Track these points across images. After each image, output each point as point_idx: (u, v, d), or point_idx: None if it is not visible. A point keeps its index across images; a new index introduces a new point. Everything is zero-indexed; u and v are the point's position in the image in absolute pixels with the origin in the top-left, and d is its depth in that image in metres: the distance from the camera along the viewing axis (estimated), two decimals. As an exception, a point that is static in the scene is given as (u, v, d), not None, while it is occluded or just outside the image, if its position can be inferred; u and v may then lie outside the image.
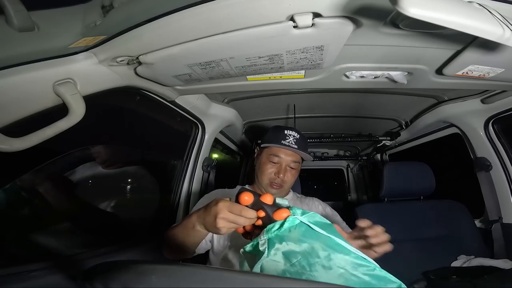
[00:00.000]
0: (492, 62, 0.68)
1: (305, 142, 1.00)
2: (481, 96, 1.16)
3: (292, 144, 0.94)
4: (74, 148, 1.01)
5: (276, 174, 0.95)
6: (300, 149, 0.95)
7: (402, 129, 1.67)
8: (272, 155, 0.97)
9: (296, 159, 0.97)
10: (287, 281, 0.25)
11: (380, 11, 0.52)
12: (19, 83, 0.54)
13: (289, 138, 0.95)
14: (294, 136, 0.96)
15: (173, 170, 1.32)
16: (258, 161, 1.03)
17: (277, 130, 0.99)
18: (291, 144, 0.94)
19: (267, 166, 0.97)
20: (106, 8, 0.59)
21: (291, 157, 0.96)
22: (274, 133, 0.99)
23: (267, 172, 0.97)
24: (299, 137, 0.97)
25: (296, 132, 0.98)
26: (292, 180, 0.98)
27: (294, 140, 0.95)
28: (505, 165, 1.21)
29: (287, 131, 0.97)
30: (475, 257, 1.15)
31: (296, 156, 0.97)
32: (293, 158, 0.96)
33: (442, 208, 1.35)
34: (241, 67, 0.70)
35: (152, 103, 0.96)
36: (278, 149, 0.96)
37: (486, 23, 0.40)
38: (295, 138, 0.96)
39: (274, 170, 0.96)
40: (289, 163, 0.96)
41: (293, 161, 0.96)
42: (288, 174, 0.96)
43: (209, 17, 0.52)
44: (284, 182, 0.96)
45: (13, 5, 0.48)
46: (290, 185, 1.00)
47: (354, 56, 0.75)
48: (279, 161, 0.96)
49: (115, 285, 0.24)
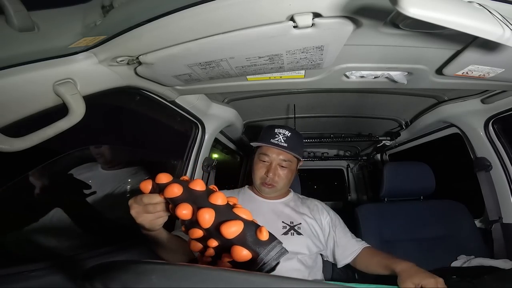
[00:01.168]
0: (492, 62, 0.68)
1: (298, 140, 0.99)
2: (481, 96, 1.16)
3: (281, 143, 0.94)
4: (74, 148, 1.01)
5: (266, 173, 0.95)
6: (289, 147, 0.94)
7: (402, 129, 1.67)
8: (262, 154, 0.97)
9: (286, 157, 0.96)
10: (287, 281, 0.25)
11: (380, 11, 0.52)
12: (19, 83, 0.54)
13: (279, 137, 0.94)
14: (284, 135, 0.95)
15: (173, 170, 1.32)
16: (252, 161, 1.03)
17: (268, 129, 1.00)
18: (279, 143, 0.94)
19: (258, 166, 0.97)
20: (106, 8, 0.59)
21: (280, 155, 0.96)
22: (265, 132, 0.99)
23: (258, 172, 0.97)
24: (290, 135, 0.96)
25: (287, 130, 0.97)
26: (285, 179, 0.98)
27: (284, 138, 0.94)
28: (505, 165, 1.21)
29: (278, 130, 0.97)
30: (475, 257, 1.15)
31: (287, 155, 0.96)
32: (282, 156, 0.96)
33: (442, 208, 1.35)
34: (241, 67, 0.70)
35: (152, 103, 0.96)
36: (267, 148, 0.96)
37: (486, 23, 0.40)
38: (285, 136, 0.95)
39: (265, 169, 0.96)
40: (279, 161, 0.96)
41: (283, 160, 0.96)
42: (278, 173, 0.96)
43: (209, 17, 0.52)
44: (275, 181, 0.96)
45: (13, 5, 0.48)
46: (284, 184, 0.99)
47: (354, 56, 0.75)
48: (269, 160, 0.96)
49: (115, 285, 0.24)
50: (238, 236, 0.38)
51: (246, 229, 0.38)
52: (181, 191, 0.42)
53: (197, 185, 0.43)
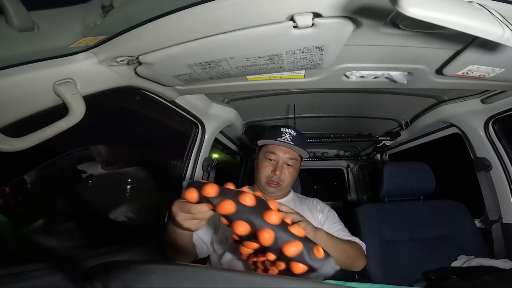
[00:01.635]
0: (492, 62, 0.68)
1: (302, 140, 1.00)
2: (481, 96, 1.16)
3: (288, 141, 0.95)
4: (74, 148, 1.01)
5: (273, 171, 0.95)
6: (296, 145, 0.95)
7: (402, 129, 1.67)
8: (268, 152, 0.97)
9: (292, 156, 0.97)
10: (287, 281, 0.25)
11: (380, 11, 0.52)
12: (19, 83, 0.54)
13: (285, 135, 0.95)
14: (290, 134, 0.96)
15: (173, 170, 1.32)
16: (256, 160, 1.03)
17: (274, 128, 1.00)
18: (286, 141, 0.95)
19: (264, 164, 0.97)
20: (106, 8, 0.59)
21: (287, 154, 0.96)
22: (271, 131, 1.00)
23: (264, 170, 0.97)
24: (296, 135, 0.97)
25: (293, 130, 0.98)
26: (290, 178, 0.98)
27: (290, 137, 0.96)
28: (505, 165, 1.21)
29: (283, 129, 0.98)
30: (475, 257, 1.15)
31: (293, 153, 0.97)
32: (289, 155, 0.96)
33: (442, 208, 1.35)
34: (241, 67, 0.70)
35: (152, 103, 0.96)
36: (274, 146, 0.96)
37: (486, 23, 0.40)
38: (291, 135, 0.96)
39: (271, 168, 0.96)
40: (286, 160, 0.96)
41: (289, 158, 0.96)
42: (285, 172, 0.96)
43: (209, 17, 0.52)
44: (281, 180, 0.96)
45: (13, 5, 0.48)
46: (288, 183, 0.99)
47: (354, 56, 0.75)
48: (276, 158, 0.96)
49: (115, 285, 0.24)
50: (297, 255, 0.43)
51: (304, 248, 0.43)
52: (235, 208, 0.45)
53: (246, 198, 0.46)
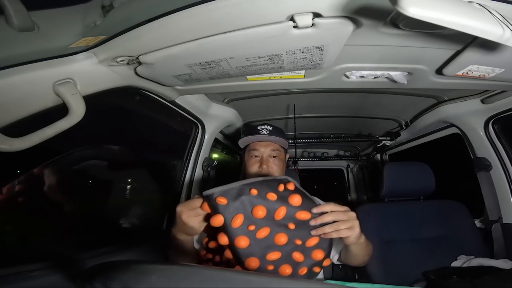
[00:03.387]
0: (492, 62, 0.68)
1: (280, 132, 1.04)
2: (481, 96, 1.16)
3: (265, 135, 0.99)
4: (74, 148, 1.01)
5: (260, 166, 0.98)
6: (274, 136, 0.99)
7: (402, 129, 1.66)
8: (251, 150, 1.00)
9: (274, 147, 1.01)
10: (286, 281, 0.25)
11: (380, 11, 0.52)
12: (19, 83, 0.54)
13: (262, 131, 1.00)
14: (266, 129, 1.00)
15: (173, 170, 1.32)
16: (244, 162, 1.06)
17: (250, 128, 1.05)
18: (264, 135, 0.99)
19: (251, 162, 1.00)
20: (106, 8, 0.59)
21: (269, 147, 1.00)
22: (248, 130, 1.04)
23: (252, 167, 0.99)
24: (272, 128, 1.01)
25: (268, 125, 1.02)
26: (279, 170, 1.00)
27: (267, 132, 0.99)
28: (505, 165, 1.21)
29: (259, 126, 1.02)
30: (475, 257, 1.15)
31: (274, 145, 1.01)
32: (271, 147, 1.00)
33: (442, 208, 1.34)
34: (241, 67, 0.70)
35: (152, 103, 0.96)
36: (255, 143, 1.00)
37: (486, 23, 0.40)
38: (268, 130, 1.00)
39: (258, 164, 0.99)
40: (269, 153, 1.00)
41: (272, 150, 1.00)
42: (271, 164, 0.99)
43: (209, 17, 0.52)
44: (270, 173, 0.99)
45: (13, 5, 0.48)
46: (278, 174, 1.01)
47: (354, 56, 0.75)
48: (259, 153, 1.00)
49: (115, 285, 0.24)
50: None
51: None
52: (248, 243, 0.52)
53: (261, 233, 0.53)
